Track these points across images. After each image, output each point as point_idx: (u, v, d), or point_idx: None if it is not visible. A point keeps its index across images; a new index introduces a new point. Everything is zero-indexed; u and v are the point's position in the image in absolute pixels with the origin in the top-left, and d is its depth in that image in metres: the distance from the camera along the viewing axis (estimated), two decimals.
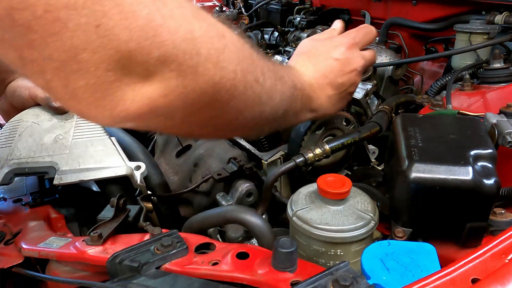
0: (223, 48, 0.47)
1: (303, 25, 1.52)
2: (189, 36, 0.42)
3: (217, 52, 0.46)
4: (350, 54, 0.77)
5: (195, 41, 0.43)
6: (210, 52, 0.45)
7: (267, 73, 0.58)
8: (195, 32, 0.43)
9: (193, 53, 0.43)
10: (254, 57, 0.55)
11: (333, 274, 0.47)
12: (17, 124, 0.90)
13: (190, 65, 0.43)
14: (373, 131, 0.88)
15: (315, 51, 0.78)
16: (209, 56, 0.45)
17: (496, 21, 1.03)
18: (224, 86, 0.48)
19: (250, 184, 0.84)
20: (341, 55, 0.76)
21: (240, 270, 0.53)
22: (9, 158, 0.82)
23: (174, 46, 0.41)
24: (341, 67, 0.76)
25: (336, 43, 0.78)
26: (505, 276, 0.43)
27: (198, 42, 0.43)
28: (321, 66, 0.75)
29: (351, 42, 0.78)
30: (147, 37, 0.38)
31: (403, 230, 0.64)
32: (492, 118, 0.71)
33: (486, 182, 0.58)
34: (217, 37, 0.46)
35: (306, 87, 0.71)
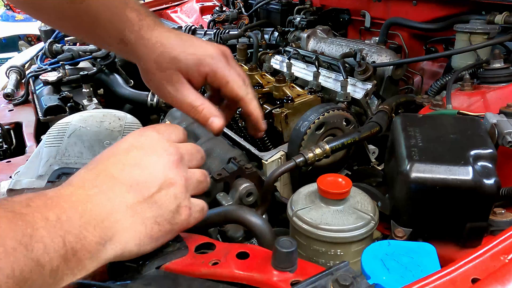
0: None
1: (303, 25, 1.52)
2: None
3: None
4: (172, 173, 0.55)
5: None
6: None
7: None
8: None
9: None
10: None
11: (333, 274, 0.47)
12: (65, 126, 0.93)
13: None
14: (373, 131, 0.88)
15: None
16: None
17: (496, 21, 1.03)
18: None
19: (250, 184, 0.84)
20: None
21: (240, 270, 0.53)
22: (57, 157, 0.84)
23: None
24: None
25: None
26: (505, 276, 0.43)
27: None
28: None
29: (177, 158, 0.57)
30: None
31: (403, 230, 0.64)
32: (492, 118, 0.71)
33: (486, 182, 0.58)
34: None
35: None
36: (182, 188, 0.55)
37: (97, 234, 0.47)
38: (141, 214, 0.52)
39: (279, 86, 0.99)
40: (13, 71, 1.70)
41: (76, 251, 0.45)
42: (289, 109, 0.94)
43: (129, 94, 1.56)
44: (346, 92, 1.02)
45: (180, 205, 0.55)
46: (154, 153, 0.55)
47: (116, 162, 0.54)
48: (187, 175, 0.57)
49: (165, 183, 0.54)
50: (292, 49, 1.33)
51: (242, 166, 0.85)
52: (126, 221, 0.50)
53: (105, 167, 0.54)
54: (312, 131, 0.89)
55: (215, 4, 2.33)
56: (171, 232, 0.55)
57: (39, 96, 1.47)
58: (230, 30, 1.69)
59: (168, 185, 0.54)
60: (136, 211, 0.51)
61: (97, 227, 0.48)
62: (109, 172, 0.53)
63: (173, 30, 0.71)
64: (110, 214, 0.49)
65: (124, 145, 0.57)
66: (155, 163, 0.55)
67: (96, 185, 0.51)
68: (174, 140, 0.59)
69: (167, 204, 0.53)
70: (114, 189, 0.51)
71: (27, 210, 0.43)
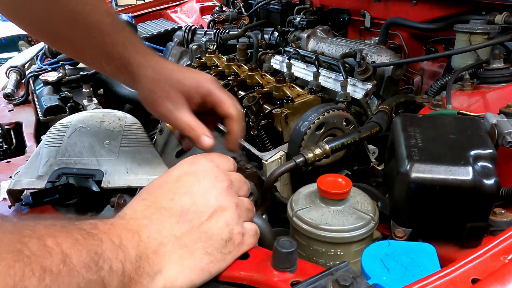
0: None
1: (303, 25, 1.52)
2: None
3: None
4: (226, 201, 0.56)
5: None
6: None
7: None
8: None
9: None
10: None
11: (333, 274, 0.47)
12: (65, 126, 0.93)
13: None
14: (373, 131, 0.88)
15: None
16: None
17: (496, 21, 1.03)
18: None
19: (250, 184, 0.84)
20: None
21: (240, 270, 0.53)
22: (57, 157, 0.83)
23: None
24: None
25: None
26: (505, 276, 0.43)
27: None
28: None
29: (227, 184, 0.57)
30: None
31: (403, 230, 0.64)
32: (492, 118, 0.71)
33: (486, 182, 0.58)
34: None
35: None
36: (233, 214, 0.55)
37: (148, 265, 0.48)
38: (190, 246, 0.51)
39: (279, 86, 0.99)
40: (13, 71, 1.70)
41: (132, 279, 0.45)
42: (289, 109, 0.94)
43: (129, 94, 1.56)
44: (346, 92, 1.02)
45: (232, 231, 0.54)
46: (205, 179, 0.56)
47: (167, 192, 0.55)
48: (238, 202, 0.57)
49: (216, 210, 0.54)
50: (292, 49, 1.33)
51: (242, 166, 0.85)
52: (175, 254, 0.50)
53: (156, 198, 0.54)
54: (312, 131, 0.89)
55: (215, 4, 2.33)
56: (224, 261, 0.53)
57: (39, 96, 1.47)
58: (230, 30, 1.69)
59: (219, 212, 0.54)
60: (185, 242, 0.51)
61: (149, 259, 0.48)
62: (160, 203, 0.53)
63: (170, 62, 0.80)
64: (160, 246, 0.50)
65: (176, 172, 0.58)
66: (206, 190, 0.55)
67: (146, 216, 0.51)
68: (224, 169, 0.60)
69: (218, 232, 0.53)
70: (164, 220, 0.52)
71: (96, 231, 0.45)
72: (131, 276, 0.45)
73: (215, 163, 0.60)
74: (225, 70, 1.19)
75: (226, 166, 0.62)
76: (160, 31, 1.94)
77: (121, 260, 0.44)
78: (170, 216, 0.52)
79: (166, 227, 0.51)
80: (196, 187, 0.55)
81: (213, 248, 0.52)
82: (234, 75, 1.12)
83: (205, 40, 1.62)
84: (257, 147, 0.97)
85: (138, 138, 0.93)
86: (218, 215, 0.53)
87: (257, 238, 0.59)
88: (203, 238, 0.52)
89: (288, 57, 1.28)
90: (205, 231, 0.52)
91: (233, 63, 1.19)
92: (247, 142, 0.99)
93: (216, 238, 0.52)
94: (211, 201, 0.54)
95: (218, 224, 0.53)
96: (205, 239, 0.52)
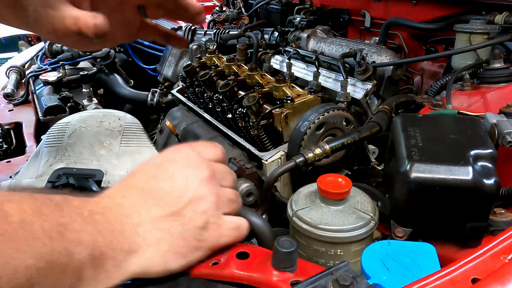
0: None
1: (303, 25, 1.52)
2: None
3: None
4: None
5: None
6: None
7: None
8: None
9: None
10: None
11: (333, 274, 0.47)
12: (65, 126, 0.93)
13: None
14: (373, 131, 0.88)
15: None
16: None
17: (496, 21, 1.03)
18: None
19: (250, 184, 0.84)
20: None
21: (240, 270, 0.53)
22: (57, 157, 0.83)
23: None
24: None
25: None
26: (505, 276, 0.43)
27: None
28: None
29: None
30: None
31: (403, 230, 0.64)
32: (492, 118, 0.71)
33: (486, 182, 0.58)
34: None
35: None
36: (211, 204, 0.54)
37: (124, 243, 0.47)
38: (167, 229, 0.51)
39: (279, 86, 0.99)
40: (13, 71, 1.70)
41: (103, 254, 0.45)
42: (289, 109, 0.94)
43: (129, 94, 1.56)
44: (346, 92, 1.02)
45: (208, 221, 0.53)
46: (187, 167, 0.56)
47: (147, 176, 0.55)
48: (218, 192, 0.56)
49: (195, 198, 0.53)
50: (292, 49, 1.33)
51: (242, 166, 0.85)
52: (151, 236, 0.50)
53: (136, 180, 0.55)
54: (312, 131, 0.89)
55: (215, 4, 2.33)
56: (199, 249, 0.53)
57: (39, 96, 1.47)
58: (230, 30, 1.69)
59: (197, 200, 0.53)
60: (162, 226, 0.51)
61: (124, 237, 0.48)
62: (140, 184, 0.54)
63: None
64: (136, 226, 0.50)
65: (158, 159, 0.58)
66: (187, 177, 0.55)
67: (125, 196, 0.52)
68: (209, 158, 0.59)
69: (194, 220, 0.53)
70: (142, 201, 0.52)
71: (66, 205, 0.45)
72: (103, 251, 0.45)
73: (198, 152, 0.59)
74: (225, 70, 1.19)
75: (211, 155, 0.60)
76: None
77: (90, 233, 0.44)
78: (149, 198, 0.52)
79: (144, 207, 0.51)
80: (177, 173, 0.55)
81: (189, 235, 0.52)
82: (234, 75, 1.12)
83: (205, 40, 1.62)
84: (257, 147, 0.97)
85: (138, 138, 0.93)
86: (196, 203, 0.53)
87: (242, 233, 0.58)
88: (180, 223, 0.52)
89: (288, 57, 1.28)
90: (182, 216, 0.52)
91: (233, 63, 1.19)
92: (247, 142, 0.99)
93: (192, 225, 0.52)
94: (190, 188, 0.54)
95: (195, 212, 0.53)
96: (181, 224, 0.52)
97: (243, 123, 1.00)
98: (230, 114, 1.05)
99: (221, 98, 1.08)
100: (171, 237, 0.51)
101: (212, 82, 1.16)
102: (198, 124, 1.18)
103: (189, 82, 1.25)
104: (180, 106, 1.34)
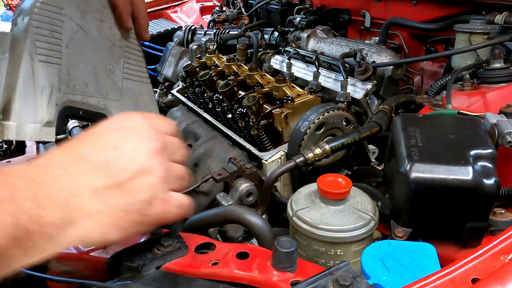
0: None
1: (303, 25, 1.52)
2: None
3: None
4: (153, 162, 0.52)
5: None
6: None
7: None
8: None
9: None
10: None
11: (333, 274, 0.47)
12: (57, 20, 0.71)
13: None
14: (373, 131, 0.88)
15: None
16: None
17: (496, 21, 1.03)
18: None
19: (250, 184, 0.84)
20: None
21: (240, 270, 0.53)
22: (61, 88, 0.70)
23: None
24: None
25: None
26: (505, 276, 0.43)
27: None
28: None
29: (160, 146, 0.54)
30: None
31: (403, 230, 0.64)
32: (492, 118, 0.71)
33: (486, 182, 0.58)
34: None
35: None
36: (159, 178, 0.51)
37: (56, 216, 0.45)
38: (108, 200, 0.48)
39: (279, 86, 0.99)
40: None
41: (30, 231, 0.43)
42: (289, 109, 0.94)
43: None
44: (346, 92, 1.02)
45: (154, 196, 0.51)
46: (136, 137, 0.52)
47: (91, 143, 0.51)
48: (167, 167, 0.53)
49: (141, 170, 0.50)
50: (292, 49, 1.33)
51: (242, 166, 0.85)
52: (90, 206, 0.47)
53: (78, 147, 0.51)
54: (312, 131, 0.89)
55: (215, 4, 2.33)
56: (142, 224, 0.51)
57: None
58: (230, 30, 1.69)
59: (144, 173, 0.50)
60: (103, 196, 0.48)
61: (57, 209, 0.45)
62: (81, 153, 0.50)
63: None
64: (72, 197, 0.46)
65: (105, 126, 0.54)
66: (135, 148, 0.51)
67: (61, 166, 0.48)
68: (162, 131, 0.56)
69: (139, 193, 0.50)
70: (81, 171, 0.48)
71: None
72: (29, 230, 0.42)
73: (150, 123, 0.55)
74: (225, 70, 1.19)
75: (165, 128, 0.57)
76: (160, 31, 1.94)
77: (10, 212, 0.41)
78: (90, 168, 0.49)
79: (83, 178, 0.48)
80: (124, 143, 0.51)
81: (132, 208, 0.49)
82: (234, 75, 1.12)
83: (205, 40, 1.62)
84: (257, 147, 0.97)
85: (138, 65, 0.85)
86: (142, 175, 0.50)
87: (186, 211, 0.55)
88: (123, 196, 0.49)
89: (288, 57, 1.28)
90: (126, 188, 0.49)
91: (233, 63, 1.19)
92: (247, 142, 0.99)
93: (137, 198, 0.50)
94: (138, 160, 0.51)
95: (140, 185, 0.50)
96: (124, 197, 0.49)
97: (243, 123, 1.00)
98: (230, 114, 1.05)
99: (221, 98, 1.08)
100: (111, 209, 0.48)
101: (212, 82, 1.16)
102: (198, 124, 1.18)
103: (189, 82, 1.25)
104: (180, 106, 1.34)
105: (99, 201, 0.48)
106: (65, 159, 0.49)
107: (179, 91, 1.36)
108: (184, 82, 1.28)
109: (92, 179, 0.48)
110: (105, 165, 0.49)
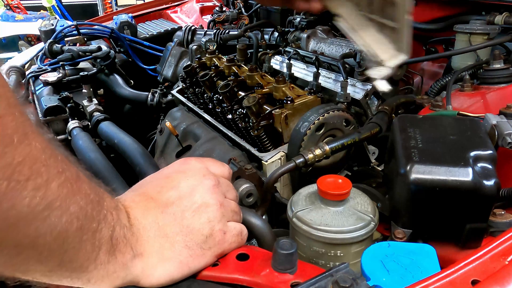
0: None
1: (303, 25, 1.52)
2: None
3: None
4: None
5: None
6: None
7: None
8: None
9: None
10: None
11: (333, 275, 0.47)
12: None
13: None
14: (373, 132, 0.88)
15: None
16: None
17: (496, 21, 1.03)
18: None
19: (250, 184, 0.84)
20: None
21: (240, 271, 0.53)
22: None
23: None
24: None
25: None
26: (505, 278, 0.43)
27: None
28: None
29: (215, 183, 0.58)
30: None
31: (403, 231, 0.64)
32: (492, 119, 0.71)
33: (486, 183, 0.58)
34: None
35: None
36: (217, 212, 0.56)
37: (133, 240, 0.50)
38: (171, 237, 0.52)
39: (279, 86, 0.99)
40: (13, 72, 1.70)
41: (118, 243, 0.47)
42: (289, 110, 0.94)
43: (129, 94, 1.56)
44: (346, 93, 1.02)
45: (214, 228, 0.55)
46: (193, 177, 0.57)
47: (155, 186, 0.57)
48: (223, 201, 0.58)
49: (200, 205, 0.55)
50: (292, 49, 1.33)
51: (242, 167, 0.85)
52: (156, 242, 0.52)
53: (145, 189, 0.57)
54: (312, 131, 0.89)
55: (215, 4, 2.32)
56: (204, 257, 0.54)
57: (39, 97, 1.47)
58: (230, 30, 1.69)
59: (203, 208, 0.55)
60: (166, 233, 0.52)
61: (134, 235, 0.50)
62: (147, 194, 0.56)
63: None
64: (144, 230, 0.51)
65: (166, 171, 0.60)
66: (193, 187, 0.56)
67: (134, 201, 0.54)
68: (215, 172, 0.61)
69: (199, 228, 0.54)
70: (149, 208, 0.54)
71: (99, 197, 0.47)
72: (118, 240, 0.47)
73: (205, 165, 0.61)
74: (225, 71, 1.19)
75: (218, 170, 0.63)
76: (160, 31, 1.94)
77: (112, 220, 0.47)
78: (155, 206, 0.54)
79: (151, 214, 0.53)
80: (183, 183, 0.56)
81: (193, 243, 0.53)
82: (234, 75, 1.12)
83: (205, 40, 1.62)
84: (257, 147, 0.97)
85: None
86: (201, 211, 0.55)
87: (243, 239, 0.59)
88: (184, 232, 0.53)
89: (288, 57, 1.28)
90: (187, 225, 0.53)
91: (233, 64, 1.19)
92: (247, 143, 0.99)
93: (197, 233, 0.53)
94: (196, 197, 0.55)
95: (200, 220, 0.54)
96: (186, 233, 0.53)
97: (243, 123, 1.00)
98: (230, 114, 1.04)
99: (221, 99, 1.08)
100: (175, 245, 0.52)
101: (212, 83, 1.16)
102: (198, 125, 1.18)
103: (189, 82, 1.25)
104: (180, 106, 1.34)
105: (163, 236, 0.52)
106: (136, 197, 0.55)
107: (179, 91, 1.36)
108: (184, 83, 1.28)
109: (158, 216, 0.53)
110: (168, 204, 0.54)
